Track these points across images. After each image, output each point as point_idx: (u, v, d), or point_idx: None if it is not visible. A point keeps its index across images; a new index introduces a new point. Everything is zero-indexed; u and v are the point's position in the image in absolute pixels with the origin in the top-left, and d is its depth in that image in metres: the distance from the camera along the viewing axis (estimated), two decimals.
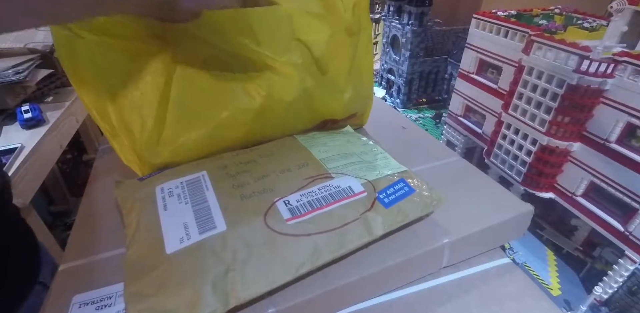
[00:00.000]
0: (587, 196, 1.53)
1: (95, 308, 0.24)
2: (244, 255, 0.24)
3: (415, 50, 2.56)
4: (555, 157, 1.55)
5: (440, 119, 2.65)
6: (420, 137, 0.44)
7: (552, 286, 1.63)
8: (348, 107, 0.38)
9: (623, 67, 1.28)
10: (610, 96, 1.33)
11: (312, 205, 0.27)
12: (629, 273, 1.43)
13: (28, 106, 0.72)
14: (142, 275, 0.23)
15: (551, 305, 0.27)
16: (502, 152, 1.82)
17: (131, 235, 0.27)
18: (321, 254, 0.24)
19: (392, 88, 2.90)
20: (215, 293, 0.22)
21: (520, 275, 0.30)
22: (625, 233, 1.38)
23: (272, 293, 0.24)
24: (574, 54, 1.38)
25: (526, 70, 1.59)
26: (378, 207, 0.27)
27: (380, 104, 0.50)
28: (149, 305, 0.22)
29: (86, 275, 0.27)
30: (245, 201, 0.27)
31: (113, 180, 0.32)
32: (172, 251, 0.24)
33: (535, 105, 1.57)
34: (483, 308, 0.27)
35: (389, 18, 2.66)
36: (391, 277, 0.27)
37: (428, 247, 0.28)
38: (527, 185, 1.69)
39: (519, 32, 1.66)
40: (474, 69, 1.99)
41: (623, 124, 1.31)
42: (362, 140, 0.36)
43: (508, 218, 0.31)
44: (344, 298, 0.26)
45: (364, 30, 0.36)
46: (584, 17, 1.77)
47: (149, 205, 0.28)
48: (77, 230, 0.32)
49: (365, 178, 0.29)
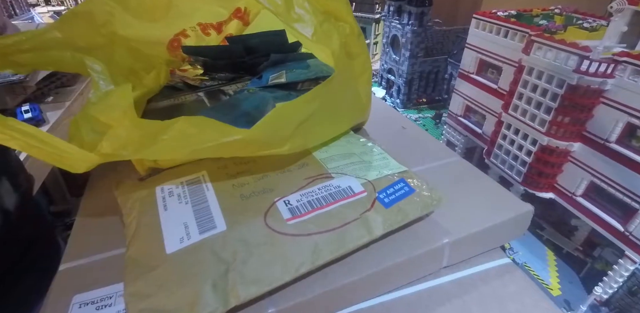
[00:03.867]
0: (587, 196, 1.54)
1: (95, 308, 0.24)
2: (244, 255, 0.24)
3: (415, 50, 2.57)
4: (555, 157, 1.55)
5: (440, 119, 2.65)
6: (420, 137, 0.44)
7: (552, 286, 1.63)
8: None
9: (623, 67, 1.29)
10: (610, 96, 1.33)
11: (312, 205, 0.27)
12: (629, 273, 1.43)
13: (28, 106, 0.72)
14: (142, 275, 0.23)
15: (551, 305, 0.27)
16: (502, 152, 1.82)
17: (131, 235, 0.27)
18: (321, 254, 0.24)
19: (392, 88, 2.90)
20: (215, 293, 0.22)
21: (520, 275, 0.30)
22: (625, 233, 1.38)
23: (272, 293, 0.24)
24: (574, 54, 1.38)
25: (526, 70, 1.59)
26: (378, 207, 0.27)
27: (380, 104, 0.50)
28: (149, 305, 0.22)
29: (86, 275, 0.27)
30: (245, 201, 0.27)
31: (113, 180, 0.32)
32: (172, 251, 0.24)
33: (535, 105, 1.57)
34: (483, 308, 0.27)
35: (389, 18, 2.66)
36: (391, 277, 0.27)
37: (428, 247, 0.28)
38: (527, 185, 1.70)
39: (519, 32, 1.66)
40: (474, 69, 1.99)
41: (623, 124, 1.32)
42: (362, 140, 0.36)
43: (508, 218, 0.31)
44: (344, 298, 0.26)
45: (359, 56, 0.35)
46: (584, 17, 1.77)
47: (149, 205, 0.28)
48: (77, 230, 0.32)
49: (365, 178, 0.29)
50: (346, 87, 0.33)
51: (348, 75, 0.33)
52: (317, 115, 0.29)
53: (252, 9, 0.46)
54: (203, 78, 0.42)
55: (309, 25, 0.27)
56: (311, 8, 0.28)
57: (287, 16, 0.27)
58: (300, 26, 0.27)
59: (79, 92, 0.85)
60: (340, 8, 0.31)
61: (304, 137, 0.30)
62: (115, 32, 0.34)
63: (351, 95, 0.34)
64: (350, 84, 0.34)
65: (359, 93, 0.35)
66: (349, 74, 0.33)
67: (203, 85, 0.40)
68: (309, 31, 0.27)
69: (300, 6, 0.27)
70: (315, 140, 0.33)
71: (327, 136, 0.34)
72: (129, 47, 0.35)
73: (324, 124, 0.32)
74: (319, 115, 0.29)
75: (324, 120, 0.31)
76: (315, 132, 0.32)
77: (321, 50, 0.30)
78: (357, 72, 0.35)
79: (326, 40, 0.28)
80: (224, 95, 0.39)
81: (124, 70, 0.34)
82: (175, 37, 0.41)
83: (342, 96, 0.33)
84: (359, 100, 0.36)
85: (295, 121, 0.28)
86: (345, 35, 0.30)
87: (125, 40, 0.35)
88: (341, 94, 0.32)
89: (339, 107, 0.33)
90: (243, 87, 0.38)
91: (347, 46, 0.31)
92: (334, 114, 0.33)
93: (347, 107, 0.35)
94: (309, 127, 0.29)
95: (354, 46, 0.32)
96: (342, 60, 0.30)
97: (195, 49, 0.41)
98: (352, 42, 0.32)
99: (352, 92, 0.34)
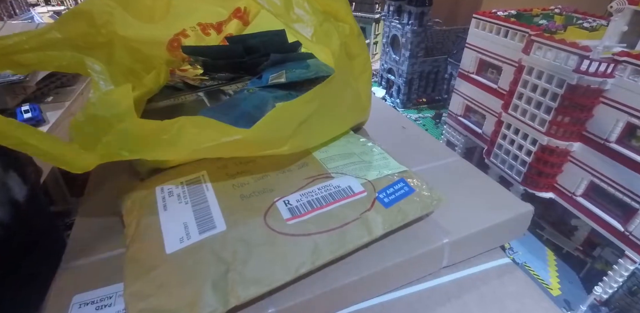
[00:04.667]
0: (587, 196, 1.54)
1: (95, 308, 0.24)
2: (244, 255, 0.24)
3: (415, 50, 2.57)
4: (555, 157, 1.55)
5: (440, 119, 2.65)
6: (420, 137, 0.44)
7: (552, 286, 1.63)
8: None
9: (623, 67, 1.29)
10: (610, 96, 1.33)
11: (312, 205, 0.27)
12: (629, 273, 1.43)
13: (28, 106, 0.72)
14: (142, 275, 0.23)
15: (551, 305, 0.27)
16: (502, 152, 1.83)
17: (131, 235, 0.27)
18: (321, 254, 0.24)
19: (392, 88, 2.90)
20: (215, 293, 0.22)
21: (520, 275, 0.30)
22: (625, 233, 1.38)
23: (272, 293, 0.24)
24: (574, 54, 1.38)
25: (526, 70, 1.59)
26: (378, 206, 0.27)
27: (380, 104, 0.50)
28: (149, 305, 0.22)
29: (86, 275, 0.27)
30: (245, 201, 0.27)
31: (113, 180, 0.32)
32: (172, 251, 0.24)
33: (535, 105, 1.57)
34: (483, 308, 0.27)
35: (389, 18, 2.67)
36: (391, 277, 0.27)
37: (428, 247, 0.28)
38: (527, 185, 1.70)
39: (519, 32, 1.66)
40: (474, 69, 1.99)
41: (623, 123, 1.32)
42: (362, 140, 0.36)
43: (508, 218, 0.31)
44: (344, 298, 0.26)
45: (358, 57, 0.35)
46: (584, 17, 1.77)
47: (149, 205, 0.28)
48: (77, 230, 0.32)
49: (365, 178, 0.29)
50: (346, 87, 0.33)
51: (348, 75, 0.33)
52: (317, 115, 0.29)
53: (252, 8, 0.46)
54: (203, 78, 0.42)
55: (309, 25, 0.27)
56: (311, 8, 0.28)
57: (287, 17, 0.27)
58: (300, 26, 0.27)
59: (79, 92, 0.85)
60: (340, 8, 0.31)
61: (304, 137, 0.30)
62: (115, 32, 0.34)
63: (351, 95, 0.34)
64: (351, 84, 0.34)
65: (359, 93, 0.35)
66: (348, 74, 0.33)
67: (203, 85, 0.40)
68: (308, 31, 0.27)
69: (299, 6, 0.27)
70: (316, 140, 0.33)
71: (327, 136, 0.34)
72: (129, 47, 0.35)
73: (324, 124, 0.32)
74: (318, 115, 0.29)
75: (324, 121, 0.31)
76: (315, 132, 0.32)
77: (321, 50, 0.30)
78: (357, 71, 0.35)
79: (326, 40, 0.28)
80: (224, 95, 0.39)
81: (124, 70, 0.34)
82: (175, 37, 0.41)
83: (342, 96, 0.33)
84: (359, 100, 0.36)
85: (295, 121, 0.28)
86: (345, 35, 0.30)
87: (125, 40, 0.35)
88: (341, 94, 0.32)
89: (338, 107, 0.33)
90: (243, 87, 0.38)
91: (347, 46, 0.31)
92: (334, 114, 0.33)
93: (347, 107, 0.35)
94: (309, 127, 0.29)
95: (354, 46, 0.32)
96: (342, 60, 0.30)
97: (195, 49, 0.41)
98: (352, 42, 0.32)
99: (352, 92, 0.34)
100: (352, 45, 0.32)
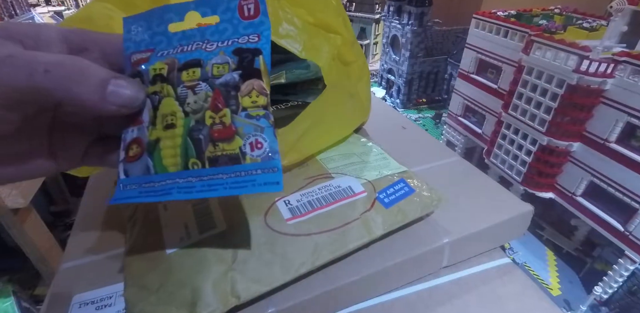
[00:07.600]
0: (587, 196, 1.54)
1: (95, 308, 0.24)
2: (244, 255, 0.24)
3: (415, 51, 2.56)
4: (555, 157, 1.55)
5: (440, 119, 2.65)
6: (420, 137, 0.44)
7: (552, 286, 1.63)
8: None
9: (623, 67, 1.29)
10: (610, 96, 1.33)
11: (312, 205, 0.27)
12: (628, 273, 1.43)
13: None
14: (142, 275, 0.23)
15: (551, 305, 0.27)
16: (502, 152, 1.83)
17: (131, 235, 0.27)
18: (321, 254, 0.24)
19: (392, 88, 2.90)
20: (215, 293, 0.22)
21: (520, 275, 0.30)
22: (625, 233, 1.38)
23: (272, 293, 0.24)
24: (574, 54, 1.38)
25: (526, 70, 1.59)
26: (378, 207, 0.27)
27: (380, 104, 0.50)
28: (149, 305, 0.22)
29: (86, 275, 0.27)
30: (246, 201, 0.27)
31: (113, 180, 0.32)
32: (172, 251, 0.24)
33: (535, 105, 1.57)
34: (483, 308, 0.27)
35: (389, 18, 2.66)
36: (391, 277, 0.27)
37: (428, 247, 0.28)
38: (527, 185, 1.70)
39: (519, 32, 1.66)
40: (474, 69, 1.99)
41: (623, 123, 1.32)
42: (362, 140, 0.36)
43: (508, 218, 0.31)
44: (344, 298, 0.26)
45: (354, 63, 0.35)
46: (583, 17, 1.77)
47: (149, 205, 0.28)
48: (77, 230, 0.32)
49: (365, 179, 0.29)
50: (343, 95, 0.33)
51: (344, 82, 0.33)
52: (314, 129, 0.30)
53: None
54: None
55: (297, 41, 0.27)
56: (300, 22, 0.28)
57: (275, 33, 0.27)
58: (288, 43, 0.27)
59: None
60: (331, 21, 0.31)
61: (300, 151, 0.30)
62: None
63: (350, 100, 0.34)
64: (348, 90, 0.34)
65: (360, 97, 0.35)
66: (345, 81, 0.33)
67: None
68: (297, 47, 0.27)
69: (289, 22, 0.27)
70: (315, 150, 0.33)
71: (328, 143, 0.34)
72: None
73: (321, 137, 0.33)
74: (314, 130, 0.30)
75: (321, 134, 0.32)
76: (314, 144, 0.32)
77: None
78: (355, 77, 0.35)
79: (315, 54, 0.28)
80: None
81: None
82: None
83: (339, 106, 0.33)
84: (360, 104, 0.36)
85: (289, 142, 0.28)
86: (336, 46, 0.30)
87: None
88: (338, 104, 0.33)
89: (335, 116, 0.33)
90: None
91: (341, 55, 0.31)
92: (331, 125, 0.33)
93: (347, 113, 0.35)
94: (306, 141, 0.30)
95: (348, 55, 0.33)
96: (336, 71, 0.30)
97: None
98: (346, 52, 0.32)
99: (350, 98, 0.34)
100: (347, 54, 0.32)
